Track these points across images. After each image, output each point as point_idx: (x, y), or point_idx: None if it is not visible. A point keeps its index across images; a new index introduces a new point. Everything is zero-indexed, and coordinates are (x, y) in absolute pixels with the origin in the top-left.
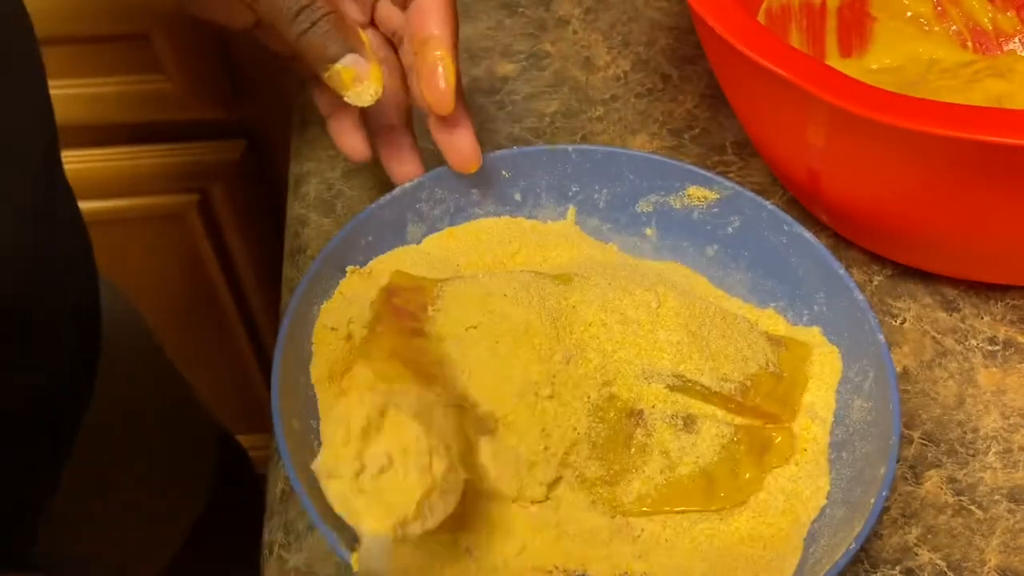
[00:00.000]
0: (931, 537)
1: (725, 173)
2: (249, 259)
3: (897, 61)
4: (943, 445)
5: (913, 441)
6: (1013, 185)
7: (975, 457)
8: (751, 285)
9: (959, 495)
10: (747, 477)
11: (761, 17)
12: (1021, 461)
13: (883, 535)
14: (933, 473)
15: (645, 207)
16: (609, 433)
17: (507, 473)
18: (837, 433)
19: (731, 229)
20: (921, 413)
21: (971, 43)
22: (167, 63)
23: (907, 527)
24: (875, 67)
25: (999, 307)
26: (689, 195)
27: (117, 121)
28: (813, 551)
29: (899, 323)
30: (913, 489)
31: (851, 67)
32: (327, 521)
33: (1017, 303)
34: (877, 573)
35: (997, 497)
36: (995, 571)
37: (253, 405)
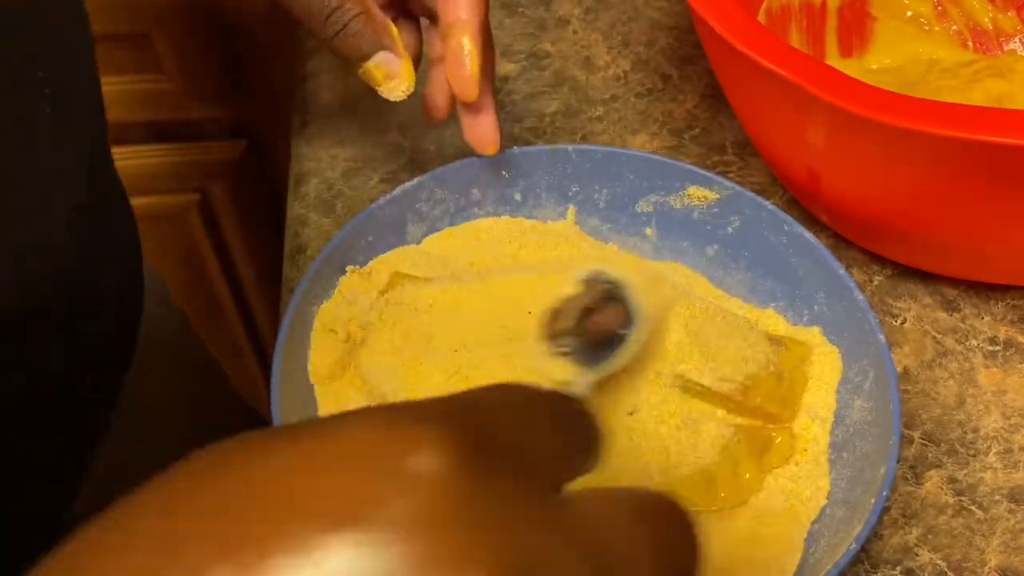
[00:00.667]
0: (931, 537)
1: (725, 173)
2: (249, 259)
3: (897, 61)
4: (943, 445)
5: (913, 441)
6: (1013, 185)
7: (975, 457)
8: (751, 285)
9: (959, 495)
10: (747, 477)
11: (761, 17)
12: (1021, 461)
13: (883, 535)
14: (933, 473)
15: (645, 207)
16: (609, 433)
17: None
18: (837, 433)
19: (731, 229)
20: (921, 413)
21: (971, 43)
22: (167, 63)
23: (907, 527)
24: (875, 67)
25: (999, 307)
26: (689, 195)
27: (117, 121)
28: (813, 551)
29: (899, 323)
30: (913, 489)
31: (851, 67)
32: None
33: (1017, 303)
34: (877, 573)
35: (997, 497)
36: (995, 571)
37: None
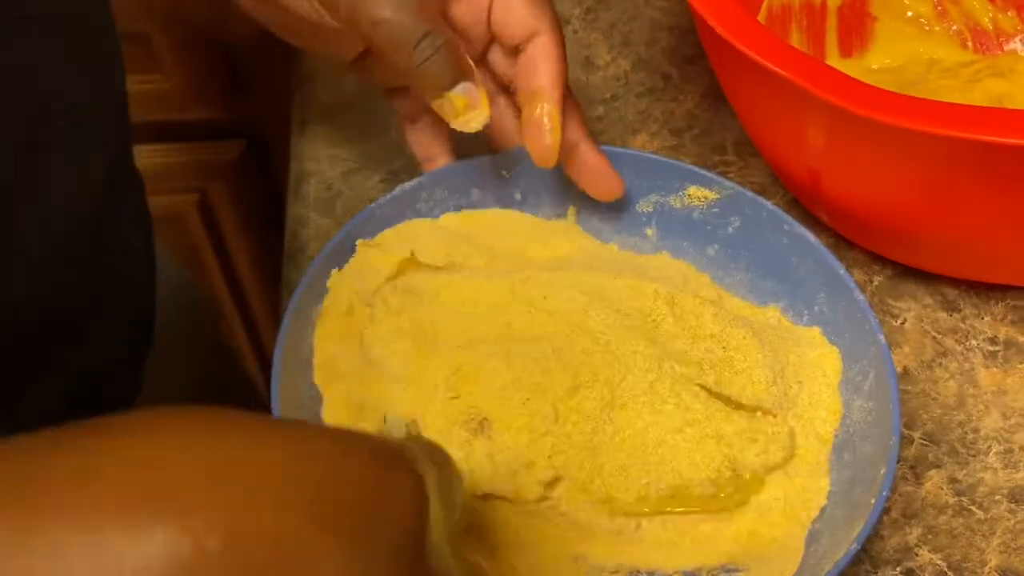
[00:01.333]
0: (932, 537)
1: (725, 173)
2: (249, 259)
3: (897, 61)
4: (944, 445)
5: (914, 441)
6: (1013, 185)
7: (976, 457)
8: (751, 285)
9: (960, 495)
10: (747, 477)
11: (761, 17)
12: (1022, 461)
13: (884, 535)
14: (934, 473)
15: (645, 207)
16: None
17: (503, 473)
18: (837, 433)
19: (731, 229)
20: (921, 413)
21: (971, 43)
22: (167, 63)
23: (908, 527)
24: (875, 67)
25: (999, 307)
26: (689, 195)
27: None
28: (814, 551)
29: (899, 323)
30: (914, 489)
31: (851, 67)
32: None
33: (1017, 303)
34: (878, 573)
35: (998, 497)
36: (995, 571)
37: (253, 405)
